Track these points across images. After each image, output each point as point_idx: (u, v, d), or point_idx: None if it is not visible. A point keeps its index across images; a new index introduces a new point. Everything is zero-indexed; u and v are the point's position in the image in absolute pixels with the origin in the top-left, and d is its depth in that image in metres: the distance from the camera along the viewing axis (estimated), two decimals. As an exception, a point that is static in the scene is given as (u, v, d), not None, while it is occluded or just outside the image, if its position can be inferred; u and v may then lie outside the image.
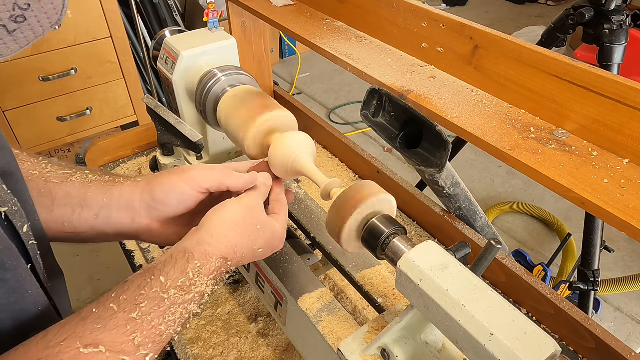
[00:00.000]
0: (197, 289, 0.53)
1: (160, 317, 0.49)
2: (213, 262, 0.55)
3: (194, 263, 0.54)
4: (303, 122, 1.05)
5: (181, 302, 0.51)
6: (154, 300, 0.49)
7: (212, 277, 0.55)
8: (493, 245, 0.50)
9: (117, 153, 1.28)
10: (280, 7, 1.12)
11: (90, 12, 2.16)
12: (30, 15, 0.38)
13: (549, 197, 2.44)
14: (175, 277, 0.52)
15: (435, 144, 0.72)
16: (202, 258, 0.55)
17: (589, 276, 1.46)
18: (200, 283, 0.53)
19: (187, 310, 0.52)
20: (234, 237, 0.58)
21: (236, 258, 0.58)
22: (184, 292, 0.52)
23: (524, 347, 0.42)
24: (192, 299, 0.52)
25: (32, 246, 0.51)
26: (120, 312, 0.47)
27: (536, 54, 0.69)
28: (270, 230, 0.62)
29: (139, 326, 0.47)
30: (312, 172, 0.67)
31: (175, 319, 0.50)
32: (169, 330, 0.50)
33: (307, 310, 0.71)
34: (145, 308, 0.48)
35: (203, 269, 0.54)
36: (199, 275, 0.54)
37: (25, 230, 0.50)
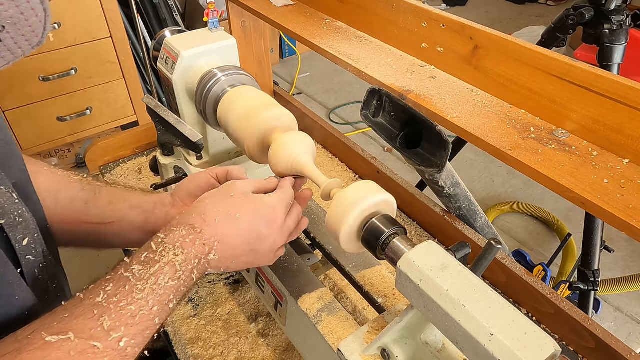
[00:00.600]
0: (164, 260, 0.50)
1: (127, 297, 0.46)
2: (177, 230, 0.53)
3: (156, 237, 0.52)
4: (303, 122, 1.05)
5: (147, 276, 0.48)
6: (119, 282, 0.47)
7: (178, 245, 0.52)
8: (493, 245, 0.50)
9: (117, 153, 1.28)
10: (280, 7, 1.12)
11: (90, 12, 2.15)
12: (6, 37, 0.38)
13: (549, 197, 2.44)
14: (140, 254, 0.50)
15: (435, 144, 0.72)
16: (166, 230, 0.53)
17: (589, 276, 1.46)
18: (166, 252, 0.50)
19: (158, 286, 0.48)
20: (201, 206, 0.56)
21: (208, 226, 0.54)
22: (148, 265, 0.49)
23: (524, 347, 0.42)
24: (159, 271, 0.49)
25: (28, 261, 0.50)
26: (85, 300, 0.46)
27: (536, 54, 0.69)
28: (253, 200, 0.59)
29: (106, 309, 0.45)
30: (312, 172, 0.67)
31: (145, 296, 0.47)
32: (142, 311, 0.46)
33: (307, 310, 0.71)
34: (110, 290, 0.46)
35: (166, 239, 0.52)
36: (162, 244, 0.51)
37: (26, 244, 0.49)
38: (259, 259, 0.61)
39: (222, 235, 0.55)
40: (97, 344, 0.43)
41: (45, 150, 2.38)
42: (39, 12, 0.39)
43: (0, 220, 0.46)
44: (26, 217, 0.50)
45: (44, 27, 0.41)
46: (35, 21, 0.39)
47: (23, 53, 0.41)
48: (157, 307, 0.48)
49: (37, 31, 0.41)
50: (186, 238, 0.53)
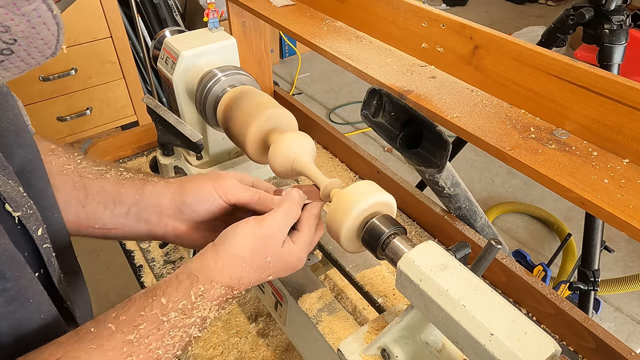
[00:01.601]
0: (199, 314, 0.51)
1: (158, 341, 0.47)
2: (217, 288, 0.53)
3: (197, 287, 0.52)
4: (303, 122, 1.05)
5: (181, 325, 0.49)
6: (153, 323, 0.48)
7: (215, 304, 0.53)
8: (493, 245, 0.50)
9: (117, 153, 1.28)
10: (280, 7, 1.12)
11: (90, 12, 2.16)
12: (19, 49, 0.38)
13: (549, 197, 2.44)
14: (177, 300, 0.50)
15: (435, 144, 0.72)
16: (206, 283, 0.53)
17: (589, 276, 1.46)
18: (203, 308, 0.51)
19: (187, 334, 0.50)
20: (239, 270, 0.56)
21: (242, 287, 0.56)
22: (185, 315, 0.50)
23: (524, 347, 0.42)
24: (193, 323, 0.50)
25: (46, 249, 0.50)
26: (117, 333, 0.46)
27: (536, 54, 0.69)
28: (284, 259, 0.59)
29: (136, 349, 0.45)
30: (312, 172, 0.67)
31: (174, 342, 0.48)
32: (167, 354, 0.48)
33: (307, 310, 0.71)
34: (143, 330, 0.47)
35: (206, 294, 0.52)
36: (202, 299, 0.52)
37: (40, 234, 0.49)
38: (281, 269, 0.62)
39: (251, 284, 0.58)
40: None
41: (45, 150, 2.38)
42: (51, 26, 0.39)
43: (17, 212, 0.46)
44: (34, 209, 0.50)
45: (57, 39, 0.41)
46: (48, 34, 0.39)
47: (37, 63, 0.41)
48: (181, 351, 0.50)
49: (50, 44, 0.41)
50: (223, 296, 0.54)
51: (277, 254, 0.58)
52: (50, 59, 0.42)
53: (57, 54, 0.42)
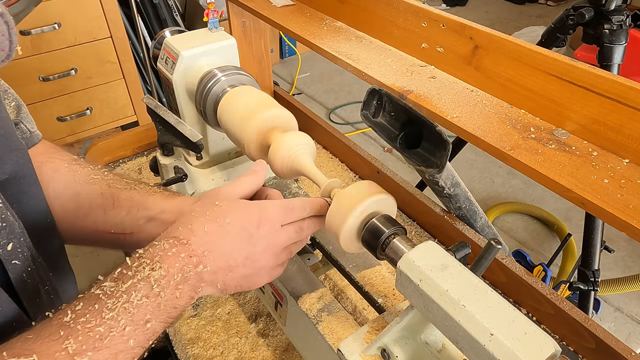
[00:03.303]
0: (138, 275, 0.45)
1: (96, 317, 0.42)
2: (158, 244, 0.48)
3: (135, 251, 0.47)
4: (303, 122, 1.05)
5: (119, 294, 0.43)
6: (90, 300, 0.43)
7: (157, 260, 0.47)
8: (493, 245, 0.50)
9: (117, 153, 1.28)
10: (280, 7, 1.12)
11: (90, 12, 2.16)
12: None
13: (549, 197, 2.44)
14: (114, 271, 0.46)
15: (435, 144, 0.72)
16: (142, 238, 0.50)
17: (589, 276, 1.46)
18: (142, 267, 0.46)
19: (131, 304, 0.43)
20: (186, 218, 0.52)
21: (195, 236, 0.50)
22: (121, 282, 0.44)
23: (524, 347, 0.42)
24: (131, 288, 0.44)
25: (14, 266, 0.48)
26: (54, 320, 0.42)
27: (536, 54, 0.69)
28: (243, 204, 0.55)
29: (72, 331, 0.41)
30: (312, 172, 0.67)
31: (116, 315, 0.42)
32: (112, 332, 0.42)
33: (307, 310, 0.71)
34: (79, 309, 0.42)
35: (145, 254, 0.47)
36: (139, 259, 0.46)
37: (10, 249, 0.47)
38: (258, 268, 0.56)
39: (213, 243, 0.51)
40: None
41: (45, 150, 2.38)
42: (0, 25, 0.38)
43: None
44: (10, 221, 0.47)
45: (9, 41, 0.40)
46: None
47: None
48: (130, 327, 0.43)
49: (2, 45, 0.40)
50: (168, 251, 0.48)
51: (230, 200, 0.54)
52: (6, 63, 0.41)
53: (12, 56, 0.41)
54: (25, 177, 0.53)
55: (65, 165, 0.65)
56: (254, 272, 0.55)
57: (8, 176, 0.50)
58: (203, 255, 0.50)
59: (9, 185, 0.51)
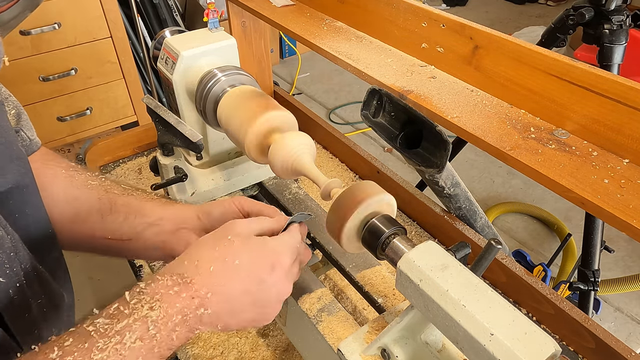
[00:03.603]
0: (135, 314, 0.42)
1: (84, 356, 0.39)
2: (162, 280, 0.45)
3: (136, 285, 0.45)
4: (303, 122, 1.05)
5: (112, 333, 0.41)
6: (81, 336, 0.40)
7: (157, 298, 0.44)
8: (493, 245, 0.50)
9: (117, 153, 1.28)
10: (280, 7, 1.12)
11: (90, 12, 2.16)
12: None
13: (549, 197, 2.44)
14: (111, 306, 0.43)
15: (435, 144, 0.72)
16: (148, 279, 0.46)
17: (589, 276, 1.46)
18: (141, 305, 0.43)
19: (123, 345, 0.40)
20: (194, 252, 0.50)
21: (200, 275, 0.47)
22: (116, 319, 0.42)
23: (524, 347, 0.42)
24: (126, 328, 0.41)
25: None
26: (40, 355, 0.39)
27: (536, 54, 0.69)
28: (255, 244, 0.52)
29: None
30: (312, 172, 0.67)
31: (106, 357, 0.39)
32: None
33: (307, 310, 0.71)
34: (68, 346, 0.40)
35: (146, 290, 0.44)
36: (138, 295, 0.44)
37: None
38: (265, 313, 0.52)
39: (217, 285, 0.48)
40: None
41: (45, 150, 2.38)
42: None
43: None
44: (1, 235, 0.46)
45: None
46: None
47: None
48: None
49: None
50: (170, 289, 0.45)
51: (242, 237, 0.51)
52: None
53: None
54: (28, 187, 0.53)
55: (63, 171, 0.65)
56: (259, 317, 0.52)
57: (11, 186, 0.50)
58: (206, 297, 0.47)
59: (12, 195, 0.50)
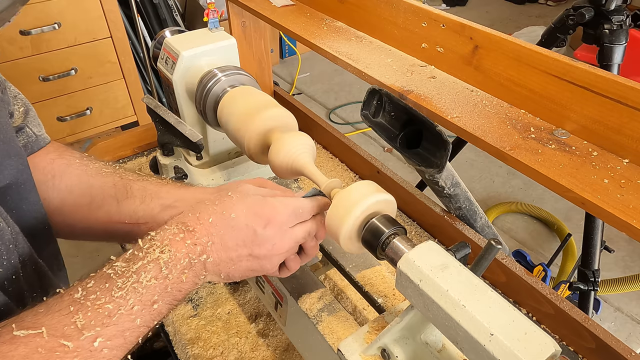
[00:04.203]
0: (149, 257, 0.47)
1: (106, 295, 0.44)
2: (169, 228, 0.50)
3: (147, 233, 0.50)
4: (303, 122, 1.05)
5: (129, 274, 0.46)
6: (101, 278, 0.45)
7: (166, 243, 0.49)
8: (493, 245, 0.50)
9: (117, 153, 1.28)
10: (280, 7, 1.12)
11: (90, 12, 2.16)
12: None
13: (549, 197, 2.44)
14: (127, 252, 0.48)
15: (435, 144, 0.72)
16: (155, 229, 0.50)
17: (589, 276, 1.46)
18: (153, 249, 0.47)
19: (140, 284, 0.45)
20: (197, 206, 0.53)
21: (201, 225, 0.51)
22: (132, 262, 0.47)
23: (524, 347, 0.42)
24: (141, 269, 0.46)
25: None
26: (65, 295, 0.44)
27: (536, 54, 0.69)
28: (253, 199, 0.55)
29: (82, 307, 0.43)
30: (312, 172, 0.67)
31: (125, 294, 0.44)
32: (120, 310, 0.44)
33: (307, 310, 0.71)
34: (90, 287, 0.44)
35: (156, 237, 0.49)
36: (150, 242, 0.48)
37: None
38: (261, 265, 0.56)
39: (216, 235, 0.52)
40: (68, 343, 0.41)
41: (45, 150, 2.38)
42: None
43: None
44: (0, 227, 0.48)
45: None
46: None
47: None
48: (138, 306, 0.45)
49: None
50: (176, 236, 0.49)
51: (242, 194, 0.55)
52: None
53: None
54: (25, 184, 0.54)
55: (77, 160, 0.66)
56: (258, 267, 0.56)
57: (9, 182, 0.51)
58: (207, 245, 0.51)
59: (9, 191, 0.51)
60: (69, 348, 0.40)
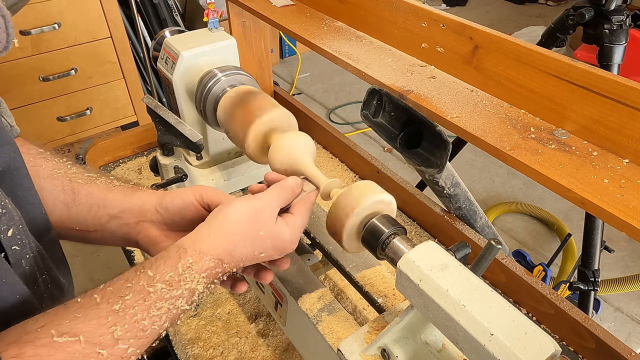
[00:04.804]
0: (187, 286, 0.51)
1: (144, 311, 0.47)
2: (206, 261, 0.54)
3: (185, 259, 0.53)
4: (303, 122, 1.05)
5: (168, 297, 0.49)
6: (140, 294, 0.48)
7: (204, 276, 0.53)
8: (493, 245, 0.50)
9: (117, 153, 1.28)
10: (280, 7, 1.12)
11: (90, 12, 2.15)
12: None
13: (549, 197, 2.44)
14: (165, 272, 0.51)
15: (435, 144, 0.72)
16: (194, 255, 0.53)
17: (589, 276, 1.46)
18: (190, 279, 0.52)
19: (174, 307, 0.50)
20: (232, 241, 0.56)
21: (234, 261, 0.56)
22: (171, 287, 0.50)
23: (524, 347, 0.42)
24: (180, 295, 0.50)
25: (15, 252, 0.50)
26: (103, 303, 0.46)
27: (536, 54, 0.69)
28: (277, 236, 0.60)
29: (120, 319, 0.46)
30: (312, 172, 0.67)
31: (161, 314, 0.48)
32: (153, 326, 0.48)
33: (307, 310, 0.71)
34: (129, 301, 0.47)
35: (195, 266, 0.53)
36: (189, 271, 0.52)
37: (10, 234, 0.49)
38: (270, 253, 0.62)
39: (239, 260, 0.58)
40: (102, 351, 0.43)
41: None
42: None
43: None
44: (9, 209, 0.50)
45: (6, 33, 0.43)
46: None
47: None
48: (168, 323, 0.50)
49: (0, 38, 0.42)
50: (212, 269, 0.54)
51: (270, 229, 0.59)
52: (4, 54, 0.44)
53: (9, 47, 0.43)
54: (19, 170, 0.54)
55: (31, 160, 0.66)
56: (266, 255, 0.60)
57: (3, 169, 0.51)
58: (232, 271, 0.57)
59: (3, 178, 0.52)
60: (102, 355, 0.44)
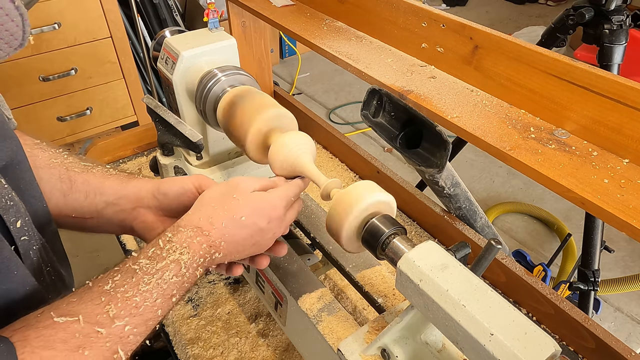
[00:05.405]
0: (170, 257, 0.53)
1: (134, 288, 0.50)
2: (184, 231, 0.56)
3: (165, 235, 0.56)
4: (303, 122, 1.05)
5: (154, 271, 0.51)
6: (127, 273, 0.51)
7: (185, 245, 0.55)
8: (493, 245, 0.50)
9: (117, 153, 1.28)
10: (280, 7, 1.12)
11: (90, 12, 2.15)
12: None
13: (549, 197, 2.44)
14: (147, 250, 0.54)
15: (435, 144, 0.72)
16: (172, 230, 0.56)
17: (589, 276, 1.46)
18: (173, 250, 0.54)
19: (163, 280, 0.52)
20: (206, 210, 0.59)
21: (215, 229, 0.58)
22: (155, 261, 0.52)
23: (524, 347, 0.42)
24: (165, 267, 0.52)
25: (24, 242, 0.52)
26: (94, 287, 0.49)
27: (536, 54, 0.69)
28: (254, 200, 0.61)
29: (113, 298, 0.48)
30: (312, 172, 0.67)
31: (150, 289, 0.50)
32: (146, 302, 0.50)
33: (307, 310, 0.71)
34: (118, 280, 0.50)
35: (174, 238, 0.55)
36: (169, 243, 0.54)
37: (19, 226, 0.51)
38: (260, 248, 0.64)
39: (228, 235, 0.58)
40: (101, 330, 0.46)
41: (45, 150, 2.38)
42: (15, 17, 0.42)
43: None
44: (16, 201, 0.51)
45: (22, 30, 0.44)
46: (12, 26, 0.42)
47: (6, 55, 0.44)
48: (161, 300, 0.51)
49: (15, 35, 0.43)
50: (193, 239, 0.56)
51: (246, 196, 0.61)
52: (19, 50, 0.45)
53: (24, 44, 0.45)
54: (20, 164, 0.56)
55: (28, 150, 0.66)
56: (257, 249, 0.64)
57: (6, 163, 0.53)
58: (220, 245, 0.58)
59: (7, 171, 0.53)
60: (102, 334, 0.46)
